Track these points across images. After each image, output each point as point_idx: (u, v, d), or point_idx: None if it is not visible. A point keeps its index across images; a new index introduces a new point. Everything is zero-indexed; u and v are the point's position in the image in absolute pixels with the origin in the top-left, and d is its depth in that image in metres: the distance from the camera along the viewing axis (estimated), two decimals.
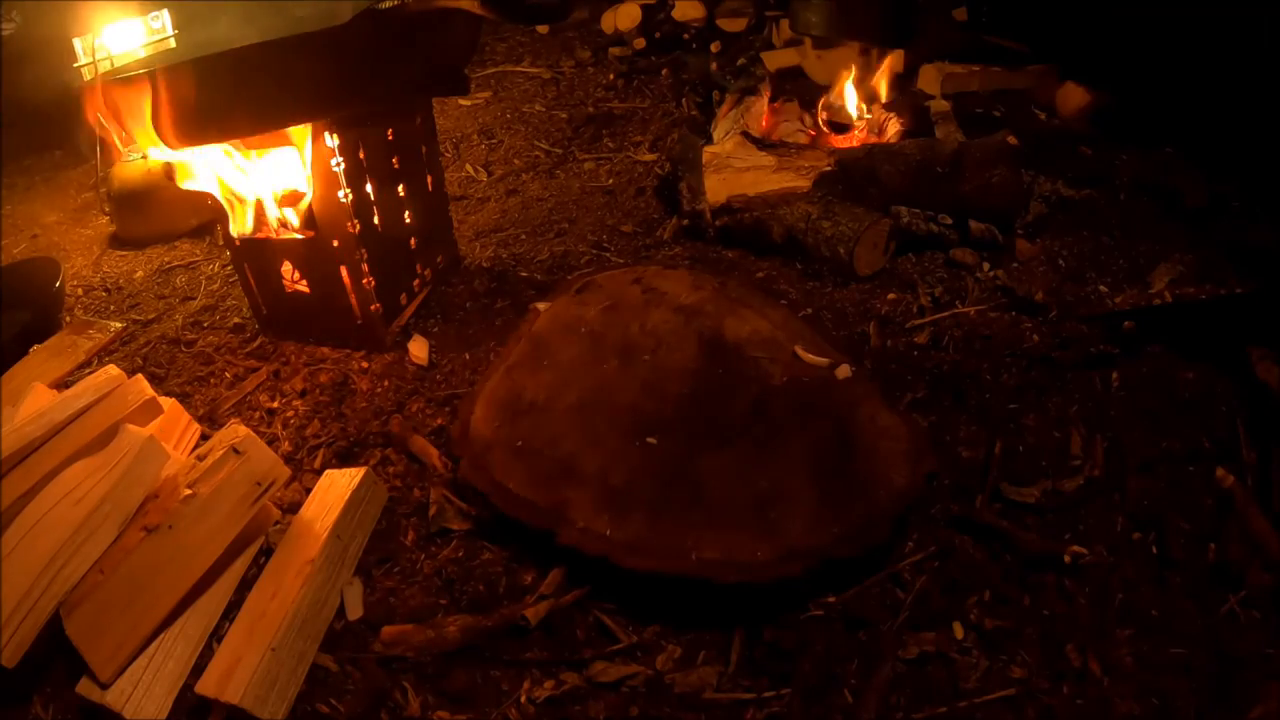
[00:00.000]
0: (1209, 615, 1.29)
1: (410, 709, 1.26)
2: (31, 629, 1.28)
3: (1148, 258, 2.11)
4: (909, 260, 2.19)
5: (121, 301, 2.51)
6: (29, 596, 1.28)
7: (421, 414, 1.84)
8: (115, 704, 1.25)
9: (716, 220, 2.36)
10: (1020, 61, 3.12)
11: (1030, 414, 1.67)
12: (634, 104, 3.48)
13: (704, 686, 1.26)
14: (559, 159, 3.11)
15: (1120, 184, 2.47)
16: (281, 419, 1.88)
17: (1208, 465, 1.52)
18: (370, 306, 1.99)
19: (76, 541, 1.33)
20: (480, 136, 3.36)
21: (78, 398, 1.57)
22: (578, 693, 1.27)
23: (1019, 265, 2.13)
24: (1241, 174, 2.42)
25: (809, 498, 1.38)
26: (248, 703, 1.22)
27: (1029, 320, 1.91)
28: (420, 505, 1.60)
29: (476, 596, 1.42)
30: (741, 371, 1.67)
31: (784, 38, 3.54)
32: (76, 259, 2.84)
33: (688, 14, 3.87)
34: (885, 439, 1.48)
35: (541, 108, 3.58)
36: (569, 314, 1.86)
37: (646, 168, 2.89)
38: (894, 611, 1.33)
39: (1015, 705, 1.20)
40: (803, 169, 2.41)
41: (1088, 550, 1.37)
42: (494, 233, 2.60)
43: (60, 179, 3.59)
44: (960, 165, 2.22)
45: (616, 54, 3.99)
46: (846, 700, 1.22)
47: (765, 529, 1.34)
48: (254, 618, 1.34)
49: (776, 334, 1.76)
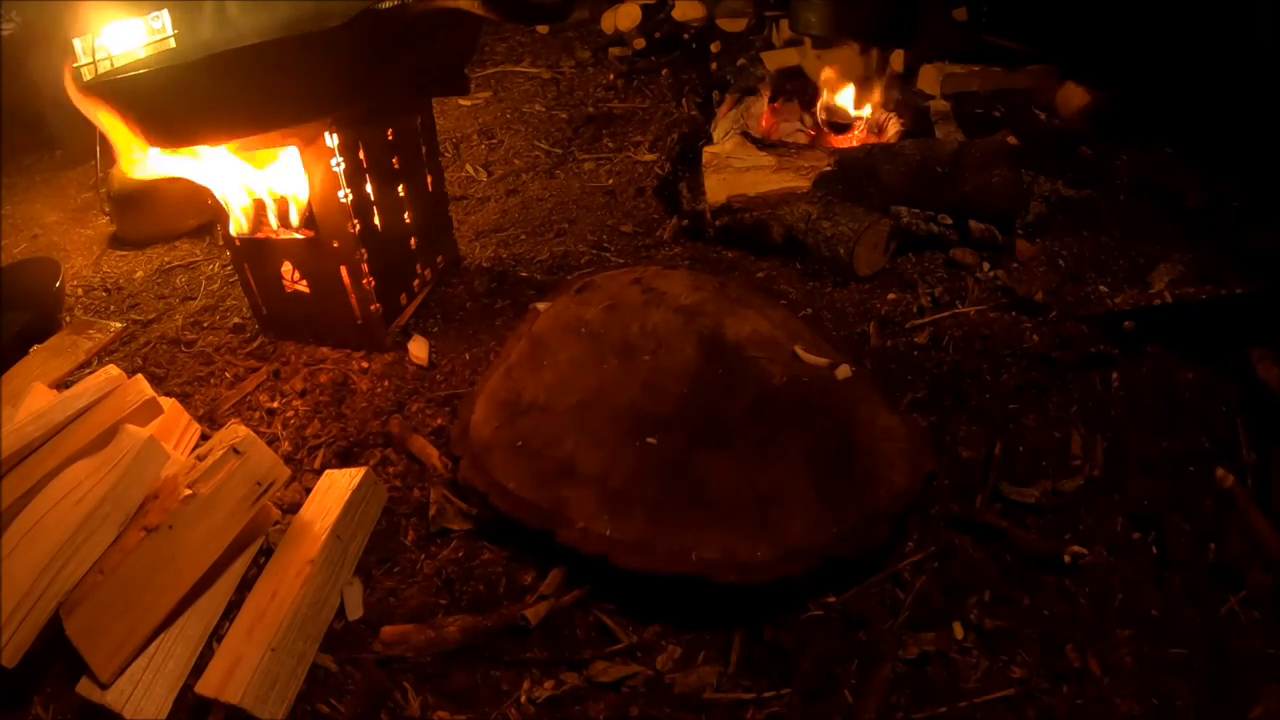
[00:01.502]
0: (1209, 615, 1.29)
1: (410, 709, 1.26)
2: (31, 629, 1.28)
3: (1148, 258, 2.11)
4: (909, 260, 2.19)
5: (121, 301, 2.51)
6: (29, 596, 1.28)
7: (421, 414, 1.84)
8: (115, 704, 1.25)
9: (716, 220, 2.36)
10: (1020, 61, 3.12)
11: (1030, 414, 1.67)
12: (634, 104, 3.48)
13: (704, 686, 1.26)
14: (559, 159, 3.11)
15: (1120, 184, 2.47)
16: (281, 419, 1.88)
17: (1208, 465, 1.52)
18: (370, 306, 1.99)
19: (76, 541, 1.33)
20: (480, 136, 3.36)
21: (78, 398, 1.57)
22: (578, 693, 1.27)
23: (1019, 265, 2.13)
24: (1241, 174, 2.42)
25: (809, 498, 1.38)
26: (248, 703, 1.22)
27: (1029, 320, 1.91)
28: (420, 505, 1.60)
29: (476, 596, 1.42)
30: (741, 371, 1.67)
31: (784, 38, 3.54)
32: (76, 259, 2.84)
33: (688, 14, 3.87)
34: (885, 439, 1.48)
35: (541, 108, 3.58)
36: (569, 314, 1.86)
37: (646, 168, 2.89)
38: (894, 611, 1.33)
39: (1015, 705, 1.20)
40: (803, 169, 2.41)
41: (1088, 550, 1.37)
42: (494, 233, 2.60)
43: (60, 179, 3.58)
44: (960, 165, 2.22)
45: (616, 54, 3.99)
46: (846, 700, 1.22)
47: (765, 529, 1.34)
48: (254, 618, 1.34)
49: (776, 334, 1.76)
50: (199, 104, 1.64)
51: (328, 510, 1.50)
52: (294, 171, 1.88)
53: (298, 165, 1.85)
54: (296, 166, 1.86)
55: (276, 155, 1.89)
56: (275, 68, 1.64)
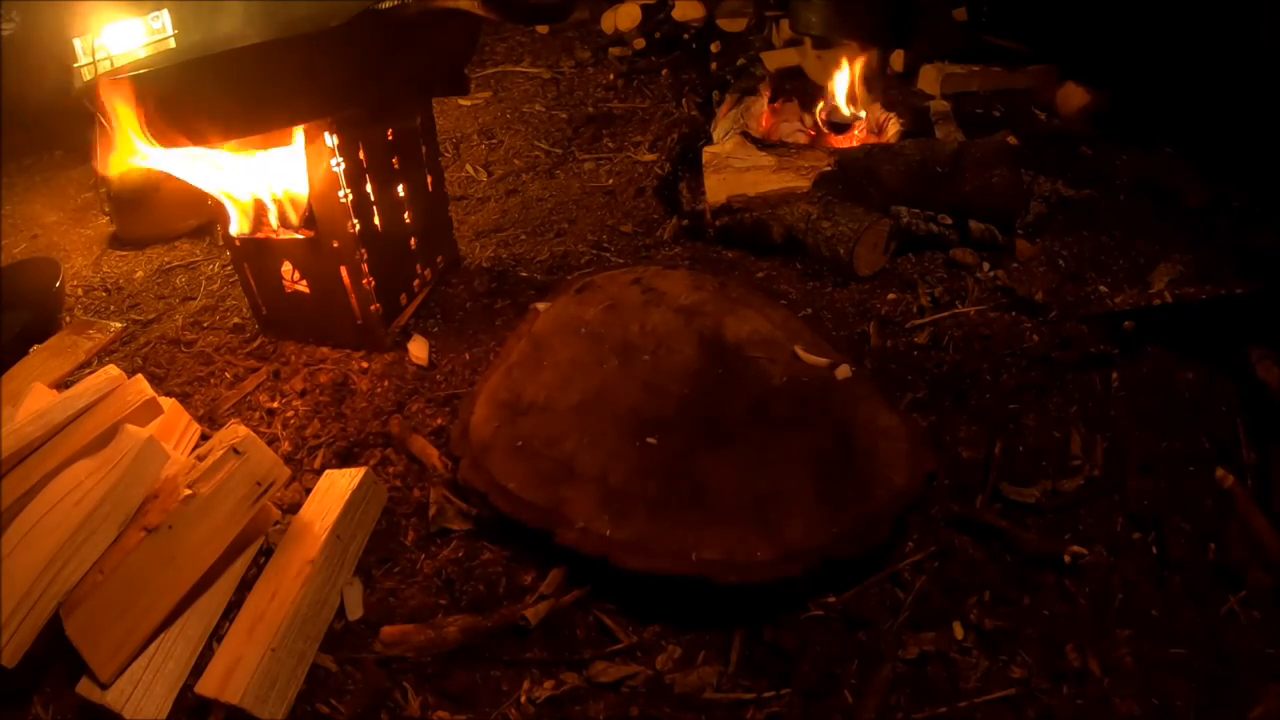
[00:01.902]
0: (1209, 615, 1.29)
1: (410, 709, 1.26)
2: (31, 629, 1.28)
3: (1148, 258, 2.11)
4: (909, 260, 2.19)
5: (121, 301, 2.51)
6: (29, 596, 1.28)
7: (421, 414, 1.84)
8: (115, 704, 1.25)
9: (716, 220, 2.36)
10: (1020, 61, 3.12)
11: (1030, 414, 1.67)
12: (634, 104, 3.48)
13: (704, 686, 1.26)
14: (559, 159, 3.11)
15: (1120, 184, 2.47)
16: (281, 419, 1.88)
17: (1208, 465, 1.52)
18: (370, 306, 1.99)
19: (76, 542, 1.33)
20: (480, 136, 3.37)
21: (78, 398, 1.57)
22: (578, 693, 1.27)
23: (1019, 265, 2.13)
24: (1241, 174, 2.42)
25: (809, 498, 1.38)
26: (248, 703, 1.22)
27: (1029, 320, 1.91)
28: (420, 505, 1.60)
29: (476, 596, 1.42)
30: (741, 371, 1.67)
31: (784, 38, 3.54)
32: (76, 259, 2.84)
33: (688, 14, 3.87)
34: (885, 439, 1.48)
35: (541, 108, 3.58)
36: (569, 314, 1.86)
37: (646, 168, 2.89)
38: (894, 611, 1.33)
39: (1015, 705, 1.20)
40: (803, 169, 2.41)
41: (1088, 550, 1.37)
42: (494, 233, 2.60)
43: (60, 179, 3.58)
44: (960, 165, 2.22)
45: (616, 54, 3.99)
46: (846, 700, 1.22)
47: (765, 529, 1.34)
48: (254, 618, 1.34)
49: (776, 334, 1.76)
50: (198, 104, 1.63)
51: (328, 510, 1.50)
52: (294, 171, 1.88)
53: (298, 165, 1.85)
54: (297, 166, 1.86)
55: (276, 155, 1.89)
56: (275, 68, 1.64)
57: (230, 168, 1.87)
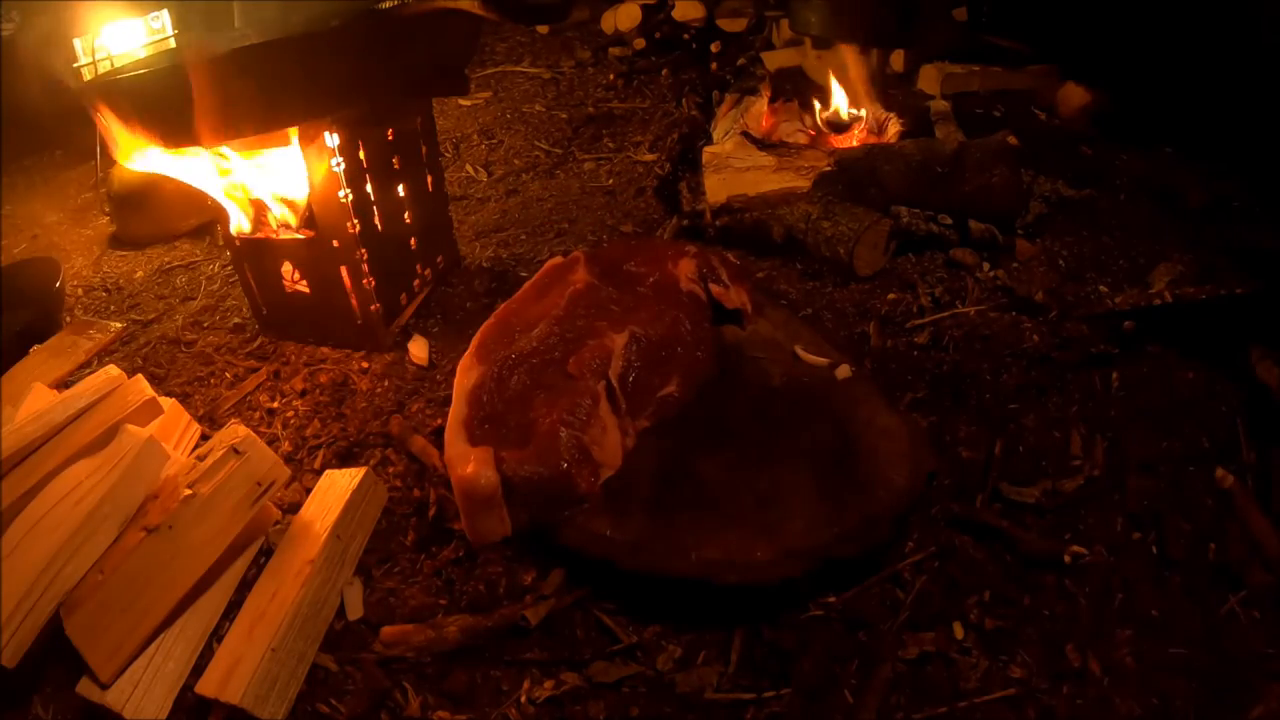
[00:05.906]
0: (1209, 615, 1.29)
1: (410, 709, 1.26)
2: (31, 629, 1.28)
3: (1148, 258, 2.11)
4: (909, 260, 2.19)
5: (121, 301, 2.51)
6: (29, 596, 1.28)
7: (421, 414, 1.84)
8: (115, 704, 1.25)
9: (717, 220, 2.36)
10: (1020, 61, 3.12)
11: (1030, 414, 1.67)
12: (634, 104, 3.49)
13: (704, 686, 1.26)
14: (559, 159, 3.11)
15: (1120, 184, 2.47)
16: (281, 419, 1.88)
17: (1208, 465, 1.52)
18: (370, 306, 1.99)
19: (76, 542, 1.33)
20: (480, 136, 3.37)
21: (78, 398, 1.57)
22: (578, 693, 1.27)
23: (1019, 265, 2.13)
24: (1241, 174, 2.42)
25: (809, 498, 1.38)
26: (248, 703, 1.22)
27: (1029, 320, 1.91)
28: (420, 505, 1.60)
29: (476, 596, 1.42)
30: (741, 371, 1.67)
31: (784, 38, 3.54)
32: (76, 259, 2.84)
33: (688, 14, 3.87)
34: (885, 439, 1.48)
35: (541, 108, 3.58)
36: None
37: (646, 168, 2.89)
38: (894, 611, 1.33)
39: (1015, 705, 1.20)
40: (803, 169, 2.42)
41: (1088, 550, 1.37)
42: (494, 233, 2.60)
43: (60, 179, 3.59)
44: (960, 165, 2.22)
45: (616, 54, 3.99)
46: (846, 700, 1.22)
47: (765, 529, 1.34)
48: (254, 618, 1.34)
49: (776, 334, 1.76)
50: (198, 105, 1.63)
51: (328, 510, 1.50)
52: (294, 171, 1.88)
53: (298, 165, 1.85)
54: (296, 166, 1.86)
55: (276, 155, 1.89)
56: (275, 68, 1.64)
57: (230, 168, 1.87)
